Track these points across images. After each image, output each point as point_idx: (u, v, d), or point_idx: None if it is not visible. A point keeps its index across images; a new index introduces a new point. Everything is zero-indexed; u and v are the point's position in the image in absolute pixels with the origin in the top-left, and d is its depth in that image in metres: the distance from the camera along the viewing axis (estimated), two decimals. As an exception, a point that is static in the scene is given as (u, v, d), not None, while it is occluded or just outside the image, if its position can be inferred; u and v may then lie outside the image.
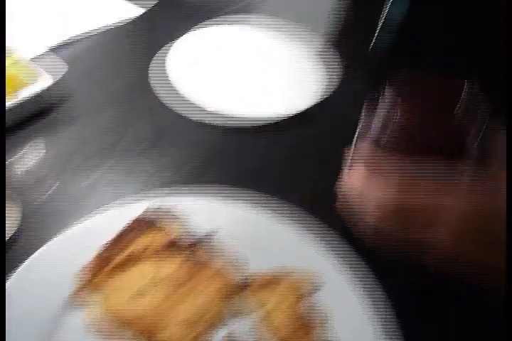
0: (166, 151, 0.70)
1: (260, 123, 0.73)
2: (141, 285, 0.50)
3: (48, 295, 0.49)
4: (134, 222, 0.56)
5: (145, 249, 0.53)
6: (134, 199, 0.59)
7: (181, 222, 0.56)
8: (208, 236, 0.54)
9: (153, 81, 0.79)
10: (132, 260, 0.53)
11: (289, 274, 0.51)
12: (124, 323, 0.48)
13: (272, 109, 0.74)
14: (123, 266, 0.52)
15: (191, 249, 0.53)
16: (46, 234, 0.55)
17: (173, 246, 0.53)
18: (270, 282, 0.50)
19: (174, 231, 0.55)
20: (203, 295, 0.50)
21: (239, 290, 0.51)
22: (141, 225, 0.55)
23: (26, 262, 0.51)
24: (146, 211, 0.56)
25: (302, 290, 0.50)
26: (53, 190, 0.63)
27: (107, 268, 0.52)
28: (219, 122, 0.73)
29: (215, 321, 0.48)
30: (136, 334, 0.47)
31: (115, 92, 0.79)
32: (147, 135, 0.72)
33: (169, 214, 0.56)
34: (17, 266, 0.51)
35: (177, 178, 0.65)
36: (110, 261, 0.52)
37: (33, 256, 0.52)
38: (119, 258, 0.52)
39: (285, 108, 0.74)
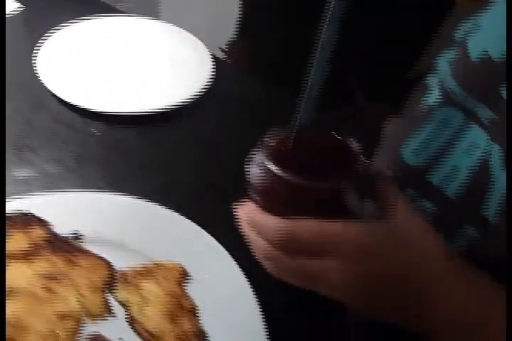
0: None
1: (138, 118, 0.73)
2: (8, 288, 0.49)
3: None
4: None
5: (15, 248, 0.52)
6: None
7: (49, 223, 0.55)
8: (75, 235, 0.54)
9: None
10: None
11: (159, 267, 0.52)
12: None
13: (152, 103, 0.74)
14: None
15: (64, 247, 0.53)
16: None
17: (45, 244, 0.53)
18: (139, 275, 0.52)
19: (40, 230, 0.54)
20: (72, 293, 0.50)
21: (109, 285, 0.51)
22: (9, 221, 0.54)
23: None
24: (12, 211, 0.55)
25: (172, 282, 0.52)
26: None
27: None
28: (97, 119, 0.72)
29: (84, 319, 0.49)
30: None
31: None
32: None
33: (33, 215, 0.55)
34: None
35: (45, 179, 0.64)
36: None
37: None
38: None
39: (165, 101, 0.75)
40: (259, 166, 0.41)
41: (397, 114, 0.79)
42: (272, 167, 0.39)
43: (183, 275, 0.52)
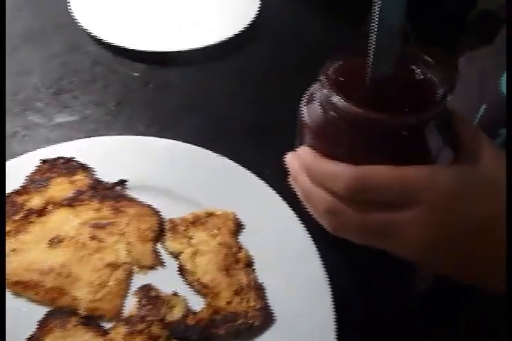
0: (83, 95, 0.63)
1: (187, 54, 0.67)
2: (53, 236, 0.47)
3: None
4: (45, 164, 0.51)
5: (59, 195, 0.49)
6: (44, 145, 0.55)
7: (92, 170, 0.52)
8: (120, 182, 0.51)
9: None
10: (46, 207, 0.49)
11: (211, 216, 0.48)
12: (25, 286, 0.43)
13: (195, 41, 0.68)
14: (36, 214, 0.48)
15: (109, 194, 0.50)
16: None
17: (90, 191, 0.49)
18: (190, 225, 0.48)
19: (87, 177, 0.51)
20: (123, 240, 0.47)
21: (160, 234, 0.48)
22: (53, 168, 0.51)
23: None
24: (57, 157, 0.52)
25: (230, 228, 0.48)
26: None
27: (18, 217, 0.47)
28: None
29: (134, 270, 0.46)
30: (39, 297, 0.43)
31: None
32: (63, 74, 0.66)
33: (80, 161, 0.52)
34: None
35: (91, 125, 0.60)
36: (21, 208, 0.48)
37: None
38: (31, 206, 0.48)
39: (209, 38, 0.68)
40: (320, 103, 0.35)
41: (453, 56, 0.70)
42: (339, 101, 0.32)
43: (237, 225, 0.48)
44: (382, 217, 0.32)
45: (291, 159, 0.37)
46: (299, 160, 0.36)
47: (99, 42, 0.69)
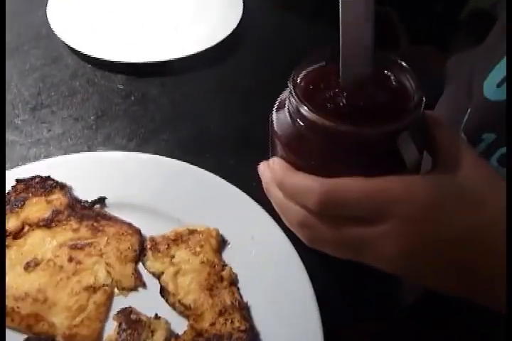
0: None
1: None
2: (29, 259, 0.45)
3: None
4: (18, 184, 0.49)
5: (36, 215, 0.48)
6: (21, 163, 0.53)
7: (70, 188, 0.50)
8: (101, 200, 0.49)
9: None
10: (22, 230, 0.47)
11: (192, 233, 0.47)
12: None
13: (176, 51, 0.67)
14: (12, 236, 0.46)
15: (88, 214, 0.48)
16: None
17: (67, 210, 0.48)
18: (171, 243, 0.46)
19: (65, 195, 0.49)
20: (102, 261, 0.45)
21: (139, 254, 0.46)
22: (28, 188, 0.49)
23: None
24: (33, 176, 0.50)
25: (208, 250, 0.46)
26: None
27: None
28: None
29: (114, 292, 0.44)
30: (14, 325, 0.41)
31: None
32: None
33: (57, 180, 0.50)
34: None
35: (70, 141, 0.58)
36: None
37: None
38: (7, 227, 0.46)
39: (191, 48, 0.67)
40: (289, 111, 0.33)
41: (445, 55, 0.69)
42: (307, 111, 0.31)
43: (220, 242, 0.47)
44: (355, 232, 0.31)
45: (263, 170, 0.36)
46: (270, 171, 0.34)
47: (78, 55, 0.67)
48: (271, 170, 0.34)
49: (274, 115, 0.35)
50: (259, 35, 0.73)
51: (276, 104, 0.36)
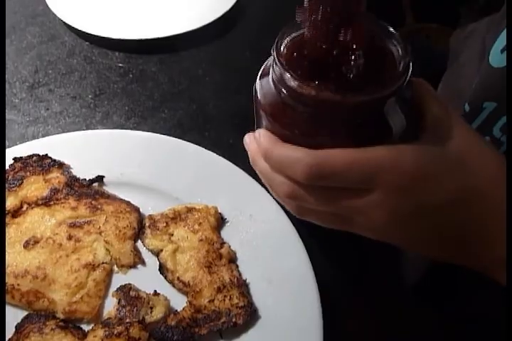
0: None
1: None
2: (28, 237, 0.45)
3: None
4: (16, 163, 0.49)
5: (34, 194, 0.47)
6: (19, 142, 0.53)
7: (68, 166, 0.50)
8: (100, 179, 0.49)
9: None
10: (21, 208, 0.47)
11: (191, 211, 0.47)
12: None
13: (174, 27, 0.65)
14: (11, 215, 0.46)
15: (86, 192, 0.48)
16: None
17: (66, 189, 0.48)
18: (170, 220, 0.46)
19: (63, 174, 0.49)
20: (101, 239, 0.45)
21: (138, 232, 0.46)
22: (26, 167, 0.49)
23: None
24: (30, 154, 0.50)
25: (206, 227, 0.46)
26: None
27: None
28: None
29: (113, 270, 0.45)
30: (15, 302, 0.42)
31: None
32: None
33: (55, 158, 0.50)
34: None
35: (68, 119, 0.58)
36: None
37: None
38: (6, 206, 0.46)
39: (189, 24, 0.65)
40: (272, 80, 0.32)
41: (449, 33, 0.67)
42: (291, 79, 0.29)
43: (219, 220, 0.47)
44: (343, 202, 0.31)
45: (249, 142, 0.35)
46: (256, 143, 0.34)
47: (75, 32, 0.66)
48: (257, 141, 0.33)
49: (258, 84, 0.34)
50: (259, 11, 0.71)
51: (260, 72, 0.34)
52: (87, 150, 0.51)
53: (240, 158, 0.50)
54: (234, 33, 0.68)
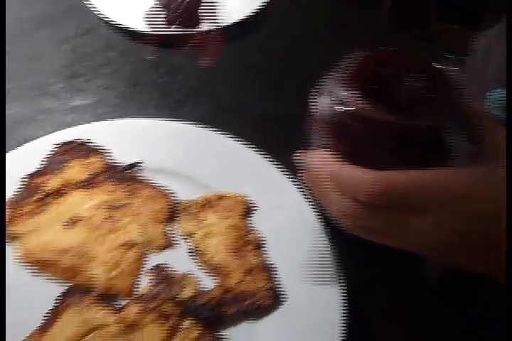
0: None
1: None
2: (68, 217, 0.48)
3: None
4: (60, 147, 0.52)
5: (74, 177, 0.50)
6: (59, 129, 0.56)
7: (106, 152, 0.52)
8: (134, 164, 0.52)
9: None
10: (62, 189, 0.50)
11: (221, 198, 0.49)
12: (44, 264, 0.45)
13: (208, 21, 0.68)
14: (52, 196, 0.49)
15: (123, 177, 0.51)
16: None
17: (104, 173, 0.50)
18: (201, 207, 0.49)
19: (102, 159, 0.52)
20: (136, 221, 0.48)
21: (172, 216, 0.49)
22: (67, 151, 0.52)
23: None
24: (73, 139, 0.53)
25: (239, 211, 0.49)
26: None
27: (35, 198, 0.49)
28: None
29: (146, 250, 0.47)
30: (57, 276, 0.45)
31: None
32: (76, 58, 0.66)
33: (94, 144, 0.53)
34: None
35: (104, 108, 0.60)
36: (37, 190, 0.49)
37: None
38: (47, 188, 0.49)
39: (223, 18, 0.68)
40: (332, 99, 0.33)
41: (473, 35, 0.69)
42: (353, 100, 0.31)
43: (247, 208, 0.49)
44: (402, 221, 0.32)
45: (307, 160, 0.36)
46: (317, 162, 0.35)
47: (111, 25, 0.69)
48: (318, 160, 0.35)
49: (316, 101, 0.35)
50: (291, 9, 0.73)
51: (317, 90, 0.35)
52: (124, 137, 0.53)
53: (273, 152, 0.52)
54: (266, 30, 0.71)
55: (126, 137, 0.53)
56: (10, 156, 0.52)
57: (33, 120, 0.59)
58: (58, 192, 0.50)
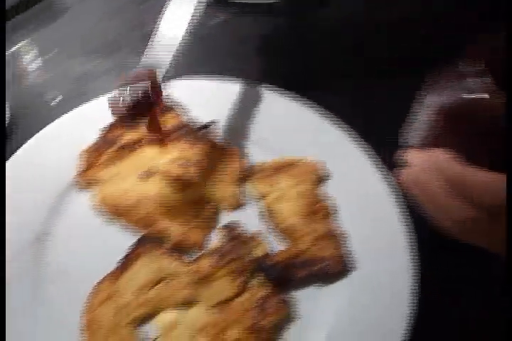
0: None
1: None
2: (144, 170, 0.49)
3: (51, 177, 0.49)
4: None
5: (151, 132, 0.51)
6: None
7: (184, 109, 0.53)
8: (212, 124, 0.52)
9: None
10: (138, 143, 0.51)
11: (296, 164, 0.49)
12: (119, 212, 0.47)
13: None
14: (127, 149, 0.50)
15: (199, 135, 0.51)
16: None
17: (180, 130, 0.50)
18: (275, 171, 0.49)
19: (179, 116, 0.52)
20: (211, 179, 0.48)
21: (247, 176, 0.49)
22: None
23: (27, 144, 0.51)
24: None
25: (312, 178, 0.48)
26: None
27: (112, 150, 0.50)
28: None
29: (219, 208, 0.48)
30: (131, 224, 0.46)
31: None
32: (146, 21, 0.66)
33: (172, 100, 0.53)
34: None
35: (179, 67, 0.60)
36: (114, 142, 0.50)
37: (37, 135, 0.51)
38: (125, 140, 0.50)
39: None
40: (457, 87, 0.30)
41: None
42: (486, 87, 0.28)
43: (321, 175, 0.49)
44: None
45: (422, 159, 0.33)
46: (432, 161, 0.32)
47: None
48: (434, 161, 0.32)
49: (436, 94, 0.32)
50: None
51: (435, 82, 0.32)
52: (202, 96, 0.53)
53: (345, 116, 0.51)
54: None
55: (205, 96, 0.53)
56: (89, 107, 0.53)
57: (111, 74, 0.59)
58: (134, 146, 0.50)
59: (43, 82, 0.60)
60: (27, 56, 0.64)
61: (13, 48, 0.64)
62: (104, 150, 0.49)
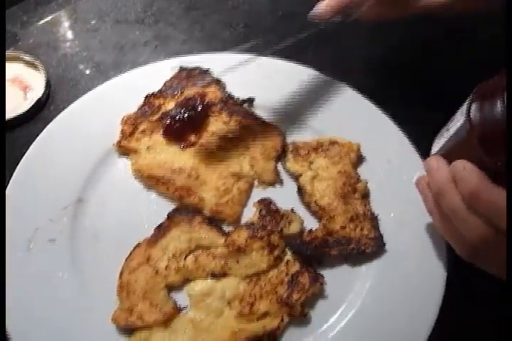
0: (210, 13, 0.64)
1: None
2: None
3: (93, 142, 0.49)
4: (181, 72, 0.53)
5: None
6: (174, 56, 0.56)
7: (224, 84, 0.53)
8: (251, 100, 0.52)
9: None
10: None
11: (334, 144, 0.49)
12: (156, 181, 0.47)
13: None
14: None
15: (238, 110, 0.51)
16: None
17: (220, 104, 0.51)
18: (313, 150, 0.49)
19: (219, 90, 0.52)
20: (248, 154, 0.49)
21: (283, 154, 0.49)
22: (189, 77, 0.52)
23: (69, 108, 0.51)
24: (195, 67, 0.53)
25: (349, 159, 0.48)
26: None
27: (155, 118, 0.50)
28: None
29: (255, 183, 0.48)
30: (168, 194, 0.47)
31: None
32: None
33: (215, 74, 0.53)
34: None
35: (219, 43, 0.60)
36: (159, 110, 0.50)
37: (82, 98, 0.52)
38: (167, 109, 0.50)
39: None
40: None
41: None
42: None
43: (359, 157, 0.49)
44: None
45: (442, 172, 0.33)
46: (458, 178, 0.32)
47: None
48: (460, 176, 0.31)
49: (475, 107, 0.30)
50: None
51: (479, 92, 0.31)
52: (242, 72, 0.52)
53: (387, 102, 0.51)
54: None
55: (245, 72, 0.52)
56: (133, 75, 0.53)
57: (150, 45, 0.59)
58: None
59: (78, 52, 0.60)
60: (64, 25, 0.63)
61: (50, 17, 0.64)
62: (145, 119, 0.50)
